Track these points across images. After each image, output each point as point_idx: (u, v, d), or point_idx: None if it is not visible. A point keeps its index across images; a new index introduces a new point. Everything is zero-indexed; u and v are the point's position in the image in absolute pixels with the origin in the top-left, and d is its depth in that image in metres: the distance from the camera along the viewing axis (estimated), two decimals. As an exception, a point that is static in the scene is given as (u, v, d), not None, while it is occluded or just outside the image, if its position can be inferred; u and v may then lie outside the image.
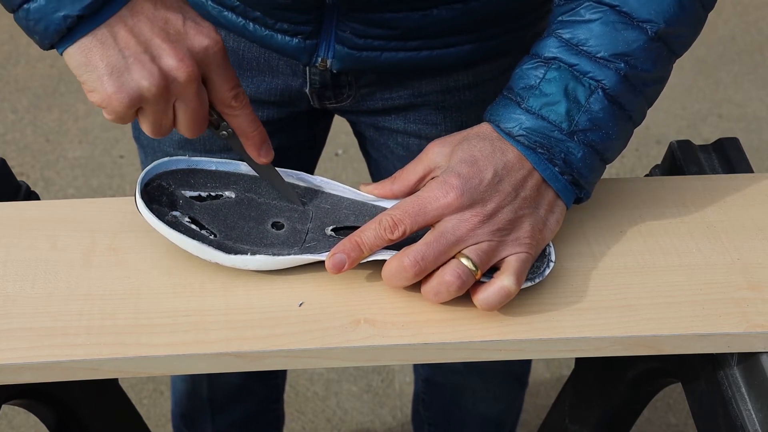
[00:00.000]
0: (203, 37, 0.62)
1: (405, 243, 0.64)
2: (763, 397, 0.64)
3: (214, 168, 0.71)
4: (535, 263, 0.66)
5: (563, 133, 0.64)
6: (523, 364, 1.28)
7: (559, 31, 0.65)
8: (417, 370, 1.37)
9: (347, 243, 0.64)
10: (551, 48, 0.65)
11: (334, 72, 0.84)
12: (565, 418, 1.00)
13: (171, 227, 0.65)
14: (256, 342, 0.62)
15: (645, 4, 0.64)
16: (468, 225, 0.63)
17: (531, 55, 0.67)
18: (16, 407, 0.85)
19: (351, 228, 0.68)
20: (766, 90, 2.37)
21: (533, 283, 0.65)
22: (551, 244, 0.68)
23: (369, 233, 0.64)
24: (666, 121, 2.27)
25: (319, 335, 0.63)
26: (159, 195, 0.68)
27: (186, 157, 0.71)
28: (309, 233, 0.68)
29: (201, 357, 0.62)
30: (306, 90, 0.87)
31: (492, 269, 0.64)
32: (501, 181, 0.64)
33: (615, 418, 0.92)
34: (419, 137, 0.91)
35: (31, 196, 0.81)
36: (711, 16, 0.67)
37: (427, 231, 0.64)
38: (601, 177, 0.69)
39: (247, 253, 0.66)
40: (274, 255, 0.66)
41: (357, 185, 0.71)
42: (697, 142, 0.82)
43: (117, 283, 0.66)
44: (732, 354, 0.66)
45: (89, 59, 0.60)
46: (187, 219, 0.68)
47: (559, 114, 0.64)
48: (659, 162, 0.85)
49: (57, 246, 0.69)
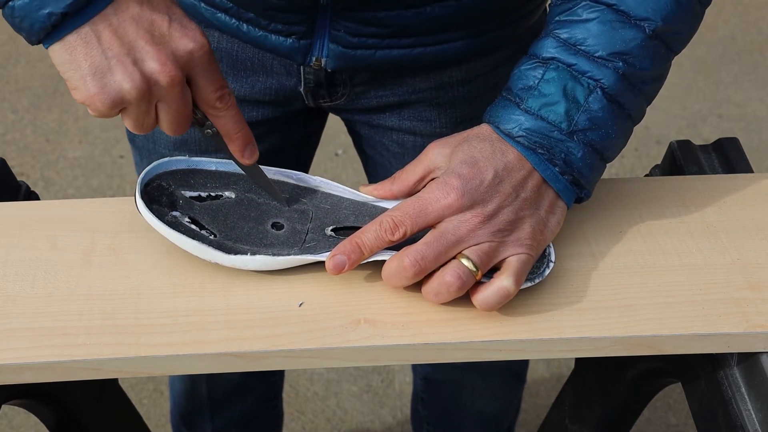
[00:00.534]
0: (188, 41, 0.61)
1: (405, 243, 0.64)
2: (763, 397, 0.64)
3: (214, 168, 0.71)
4: (535, 263, 0.66)
5: (563, 133, 0.64)
6: (522, 360, 1.28)
7: (557, 31, 0.65)
8: (415, 368, 1.37)
9: (348, 244, 0.64)
10: (549, 48, 0.65)
11: (328, 71, 0.84)
12: (565, 418, 1.00)
13: (171, 227, 0.65)
14: (256, 342, 0.62)
15: (642, 2, 0.64)
16: (468, 226, 0.63)
17: (529, 56, 0.67)
18: (16, 407, 0.85)
19: (351, 228, 0.68)
20: (766, 90, 2.37)
21: (533, 284, 0.65)
22: (551, 244, 0.68)
23: (369, 235, 0.64)
24: (666, 121, 2.27)
25: (319, 335, 0.63)
26: (159, 195, 0.68)
27: (186, 158, 0.71)
28: (309, 233, 0.68)
29: (201, 357, 0.62)
30: (300, 89, 0.87)
31: (492, 270, 0.64)
32: (501, 182, 0.64)
33: (615, 418, 0.92)
34: (414, 134, 0.92)
35: (31, 196, 0.80)
36: (711, 16, 0.67)
37: (428, 231, 0.64)
38: (601, 177, 0.69)
39: (247, 254, 0.66)
40: (274, 255, 0.66)
41: (357, 185, 0.71)
42: (697, 142, 0.82)
43: (117, 283, 0.66)
44: (732, 354, 0.66)
45: (73, 57, 0.60)
46: (187, 219, 0.68)
47: (559, 114, 0.64)
48: (659, 162, 0.85)
49: (57, 246, 0.69)
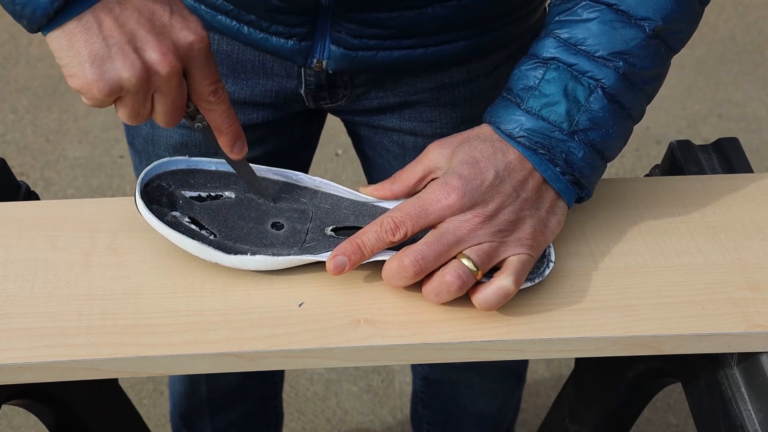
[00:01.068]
0: (189, 32, 0.61)
1: (405, 243, 0.64)
2: (763, 397, 0.64)
3: (213, 168, 0.71)
4: (536, 263, 0.66)
5: (564, 134, 0.64)
6: (521, 360, 1.28)
7: (557, 31, 0.65)
8: (415, 368, 1.37)
9: (348, 245, 0.64)
10: (549, 48, 0.65)
11: (329, 73, 0.84)
12: (565, 418, 1.00)
13: (171, 227, 0.65)
14: (256, 342, 0.62)
15: (642, 1, 0.64)
16: (469, 226, 0.63)
17: (529, 56, 0.67)
18: (16, 407, 0.85)
19: (351, 228, 0.68)
20: (766, 90, 2.37)
21: (533, 284, 0.65)
22: (551, 244, 0.68)
23: (370, 235, 0.64)
24: (666, 121, 2.27)
25: (319, 335, 0.63)
26: (159, 195, 0.68)
27: (186, 158, 0.71)
28: (309, 233, 0.68)
29: (201, 357, 0.62)
30: (301, 91, 0.87)
31: (492, 270, 0.64)
32: (502, 182, 0.64)
33: (615, 418, 0.92)
34: (414, 135, 0.92)
35: (31, 196, 0.81)
36: (711, 16, 0.67)
37: (428, 231, 0.64)
38: (602, 176, 0.69)
39: (247, 254, 0.66)
40: (274, 255, 0.66)
41: (357, 186, 0.71)
42: (697, 142, 0.82)
43: (117, 283, 0.66)
44: (732, 354, 0.66)
45: (72, 44, 0.59)
46: (187, 219, 0.68)
47: (559, 114, 0.64)
48: (659, 162, 0.85)
49: (57, 246, 0.69)
